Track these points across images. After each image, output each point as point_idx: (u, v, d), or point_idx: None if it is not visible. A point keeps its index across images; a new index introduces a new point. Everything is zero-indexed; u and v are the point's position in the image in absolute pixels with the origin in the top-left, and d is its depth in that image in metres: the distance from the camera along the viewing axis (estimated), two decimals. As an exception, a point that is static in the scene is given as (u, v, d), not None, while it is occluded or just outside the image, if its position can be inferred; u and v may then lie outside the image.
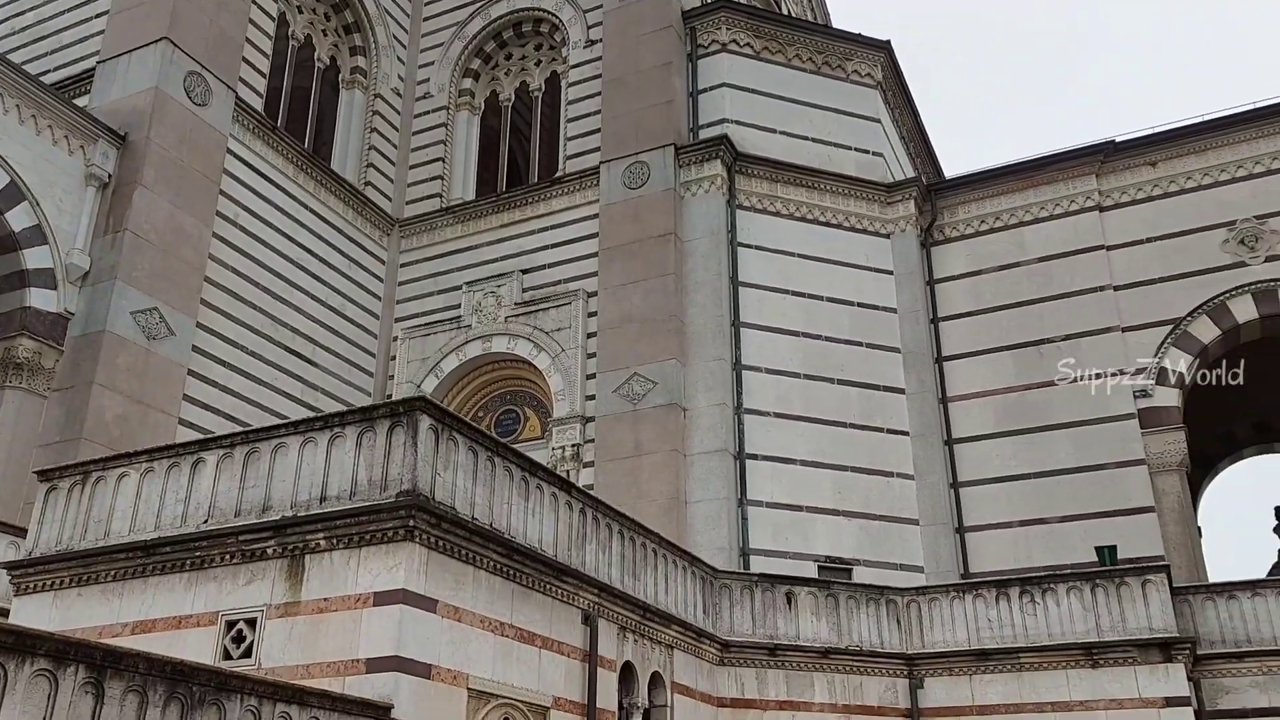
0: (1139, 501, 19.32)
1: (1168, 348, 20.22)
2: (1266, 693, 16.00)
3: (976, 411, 21.42)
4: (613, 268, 21.71)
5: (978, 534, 20.54)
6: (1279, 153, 20.36)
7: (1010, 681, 16.19)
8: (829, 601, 16.88)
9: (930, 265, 22.80)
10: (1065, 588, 16.51)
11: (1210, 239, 20.43)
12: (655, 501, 19.23)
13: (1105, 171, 21.63)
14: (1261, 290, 19.74)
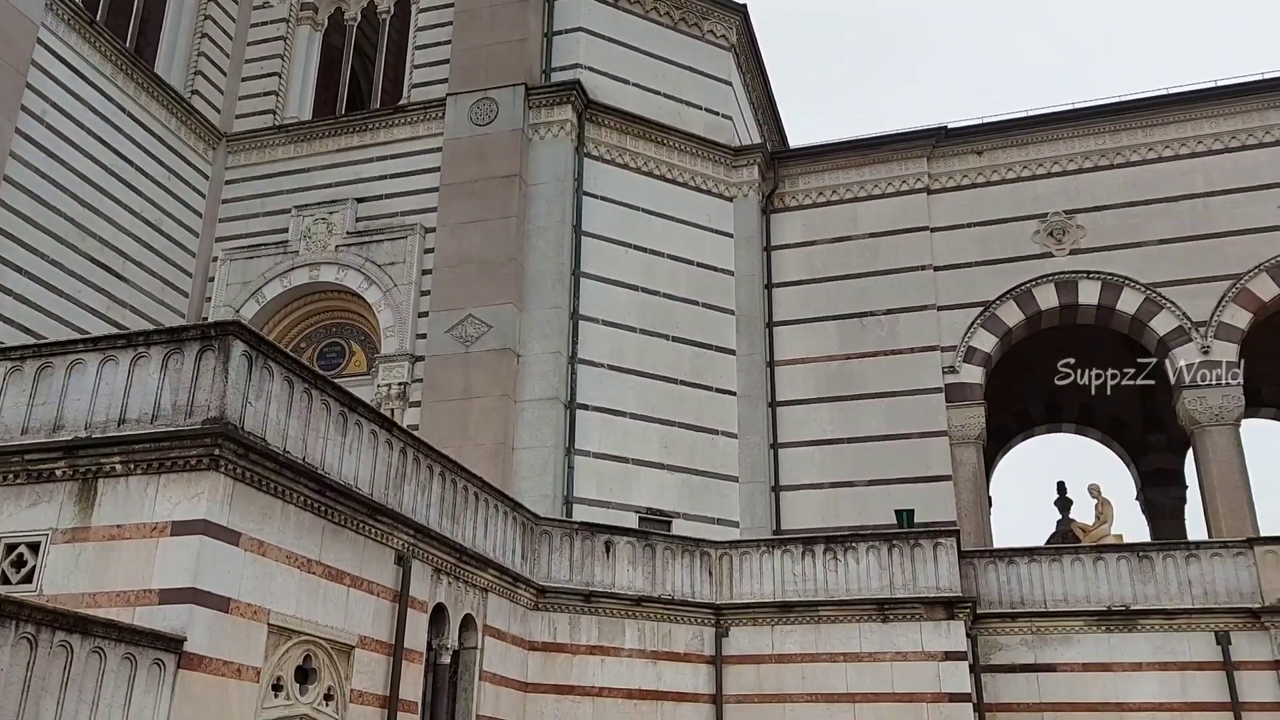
0: (938, 470, 20.56)
1: (977, 329, 21.48)
2: (1034, 650, 17.45)
3: (800, 377, 22.22)
4: (453, 205, 21.21)
5: (792, 493, 21.40)
6: (1090, 152, 21.81)
7: (809, 632, 17.04)
8: (646, 551, 17.26)
9: (769, 232, 23.36)
10: (865, 547, 17.45)
11: (1023, 229, 21.76)
12: (482, 446, 19.09)
13: (936, 156, 22.65)
14: (1063, 280, 21.20)
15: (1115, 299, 20.80)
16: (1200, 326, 20.03)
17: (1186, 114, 21.21)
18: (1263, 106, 20.83)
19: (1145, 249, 20.82)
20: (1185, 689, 16.58)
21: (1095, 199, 21.45)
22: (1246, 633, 16.56)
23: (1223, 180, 20.76)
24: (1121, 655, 17.03)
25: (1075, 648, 17.29)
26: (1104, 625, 17.26)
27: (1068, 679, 17.11)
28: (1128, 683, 16.86)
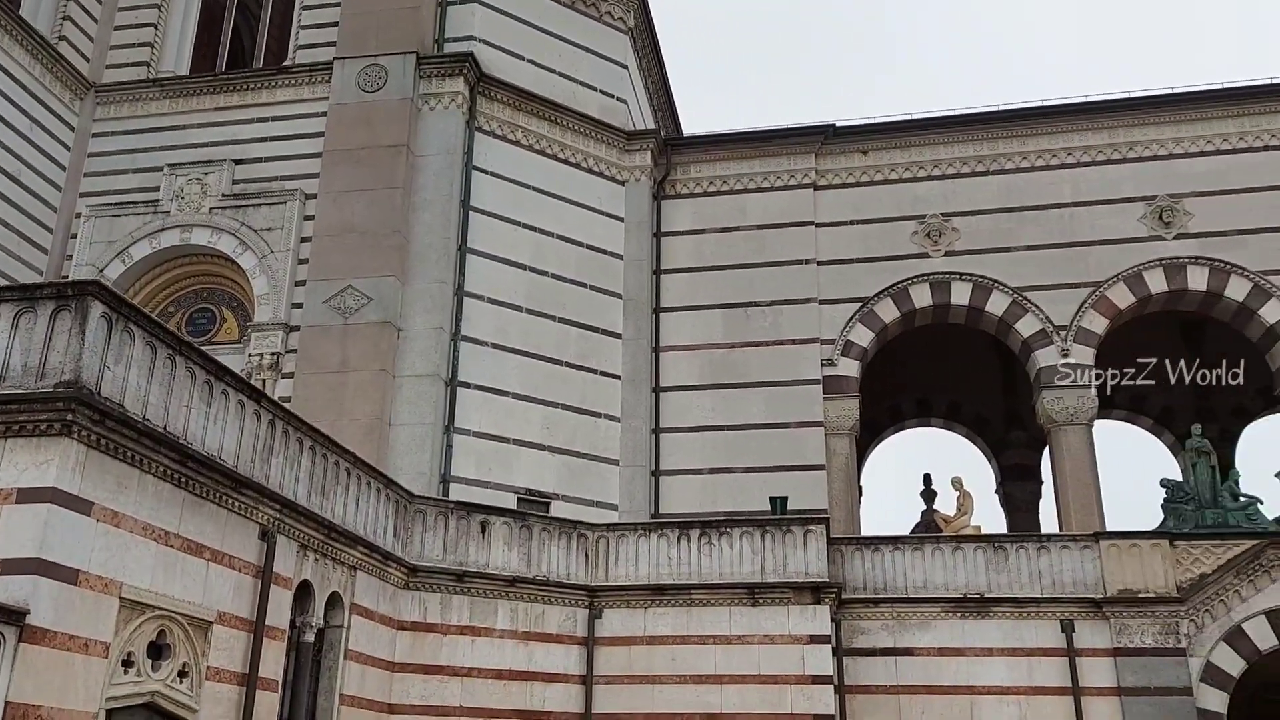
0: (813, 459, 21.08)
1: (855, 324, 22.07)
2: (893, 635, 18.11)
3: (684, 363, 22.44)
4: (337, 172, 20.61)
5: (671, 478, 21.63)
6: (969, 158, 22.62)
7: (681, 615, 17.29)
8: (523, 532, 17.21)
9: (659, 218, 23.47)
10: (739, 532, 17.79)
11: (903, 229, 22.44)
12: (357, 421, 18.66)
13: (824, 153, 23.13)
14: (938, 281, 21.96)
15: (985, 301, 21.66)
16: (1061, 330, 21.05)
17: (1058, 126, 22.19)
18: (1127, 123, 21.95)
19: (1015, 254, 21.73)
20: (1032, 674, 17.46)
21: (971, 203, 22.27)
22: (1089, 621, 17.53)
23: (1089, 192, 21.83)
24: (975, 641, 17.81)
25: (932, 633, 18.00)
26: (960, 612, 18.01)
27: (924, 663, 17.81)
28: (979, 667, 17.65)
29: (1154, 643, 17.13)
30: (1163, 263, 20.99)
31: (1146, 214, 21.32)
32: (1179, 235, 21.04)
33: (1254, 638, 17.04)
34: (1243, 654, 17.04)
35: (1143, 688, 16.92)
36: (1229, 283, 20.62)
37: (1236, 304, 20.66)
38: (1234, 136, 21.41)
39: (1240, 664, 17.06)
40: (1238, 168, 21.23)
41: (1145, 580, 17.50)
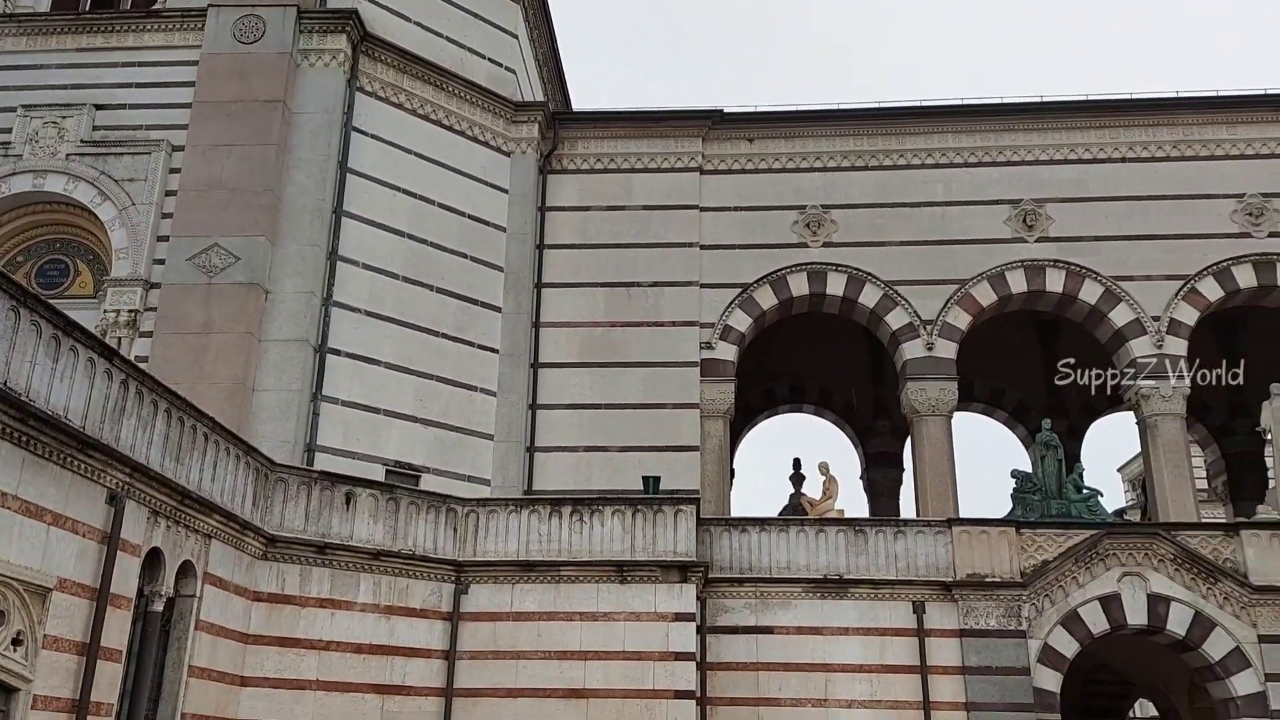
0: (688, 440, 21.34)
1: (734, 308, 22.39)
2: (756, 613, 18.54)
3: (564, 340, 22.37)
4: (207, 125, 19.69)
5: (546, 454, 21.57)
6: (849, 152, 23.17)
7: (548, 591, 17.30)
8: (390, 505, 16.89)
9: (544, 192, 23.27)
10: (611, 510, 17.88)
11: (784, 218, 22.85)
12: (219, 385, 17.95)
13: (711, 137, 23.32)
14: (815, 271, 22.46)
15: (858, 293, 22.27)
16: (927, 325, 21.82)
17: (933, 127, 22.93)
18: (997, 129, 22.83)
19: (888, 249, 22.39)
20: (884, 652, 18.15)
21: (849, 197, 22.84)
22: (939, 603, 18.31)
23: (959, 192, 22.66)
24: (832, 620, 18.40)
25: (793, 612, 18.51)
26: (820, 592, 18.56)
27: (783, 641, 18.30)
28: (835, 645, 18.24)
29: (998, 625, 18.01)
30: (1024, 264, 21.97)
31: (1011, 216, 22.25)
32: (1040, 238, 22.05)
33: (1088, 622, 18.10)
34: (1077, 637, 18.09)
35: (985, 667, 17.78)
36: (1084, 286, 21.73)
37: (1089, 306, 21.78)
38: (1095, 147, 22.53)
39: (1075, 646, 18.10)
40: (1097, 177, 22.36)
41: (992, 565, 18.37)
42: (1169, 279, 21.45)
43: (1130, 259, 21.62)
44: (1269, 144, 22.03)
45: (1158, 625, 18.01)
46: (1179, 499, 20.52)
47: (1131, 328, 21.34)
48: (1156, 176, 22.22)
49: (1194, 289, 21.41)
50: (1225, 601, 17.86)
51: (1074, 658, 18.21)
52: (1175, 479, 20.77)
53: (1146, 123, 22.43)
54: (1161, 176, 22.21)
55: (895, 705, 17.77)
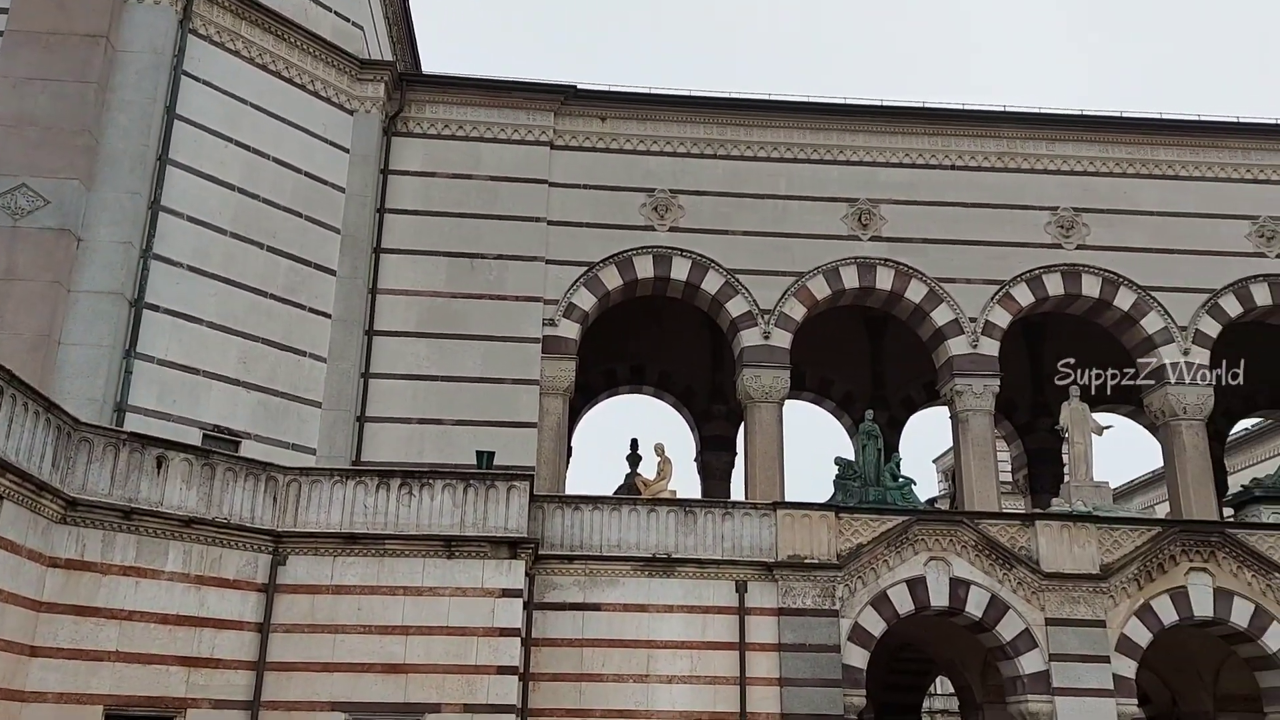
0: (525, 417, 21.23)
1: (579, 287, 22.37)
2: (584, 590, 18.68)
3: (402, 308, 21.83)
4: (19, 55, 18.14)
5: (377, 425, 21.03)
6: (699, 139, 23.47)
7: (372, 565, 16.92)
8: (205, 471, 16.14)
9: (388, 154, 22.59)
10: (442, 484, 17.62)
11: (633, 199, 22.97)
12: (20, 336, 16.66)
13: (563, 113, 23.16)
14: (660, 254, 22.69)
15: (701, 278, 22.65)
16: (765, 314, 22.42)
17: (779, 122, 23.49)
18: (839, 128, 23.60)
19: (732, 237, 22.86)
20: (705, 630, 18.63)
21: (697, 184, 23.16)
22: (760, 583, 18.92)
23: (801, 187, 23.32)
24: (658, 598, 18.73)
25: (620, 589, 18.74)
26: (648, 571, 18.86)
27: (609, 618, 18.52)
28: (659, 623, 18.60)
29: (813, 604, 18.77)
30: (857, 261, 22.84)
31: (848, 214, 23.09)
32: (873, 237, 22.98)
33: (895, 603, 19.10)
34: (885, 617, 19.06)
35: (800, 645, 18.52)
36: (910, 285, 22.78)
37: (914, 305, 22.87)
38: (927, 153, 23.62)
39: (882, 625, 19.07)
40: (927, 182, 23.46)
41: (812, 547, 19.11)
42: (987, 283, 22.75)
43: (953, 262, 22.81)
44: (1082, 161, 23.63)
45: (958, 607, 19.17)
46: (983, 490, 21.86)
47: (950, 327, 22.53)
48: (981, 185, 23.49)
49: (1008, 294, 22.78)
50: (1018, 586, 19.17)
51: (881, 636, 19.18)
52: (981, 471, 22.11)
53: (975, 133, 23.67)
54: (985, 185, 23.50)
55: (713, 680, 18.28)
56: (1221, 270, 23.01)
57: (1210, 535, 19.58)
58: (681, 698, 18.15)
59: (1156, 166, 23.67)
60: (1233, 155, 23.73)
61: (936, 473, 55.08)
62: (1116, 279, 22.83)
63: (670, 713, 18.04)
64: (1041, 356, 28.25)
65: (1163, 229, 23.21)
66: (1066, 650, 18.79)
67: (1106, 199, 23.41)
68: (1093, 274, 22.92)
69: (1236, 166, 23.70)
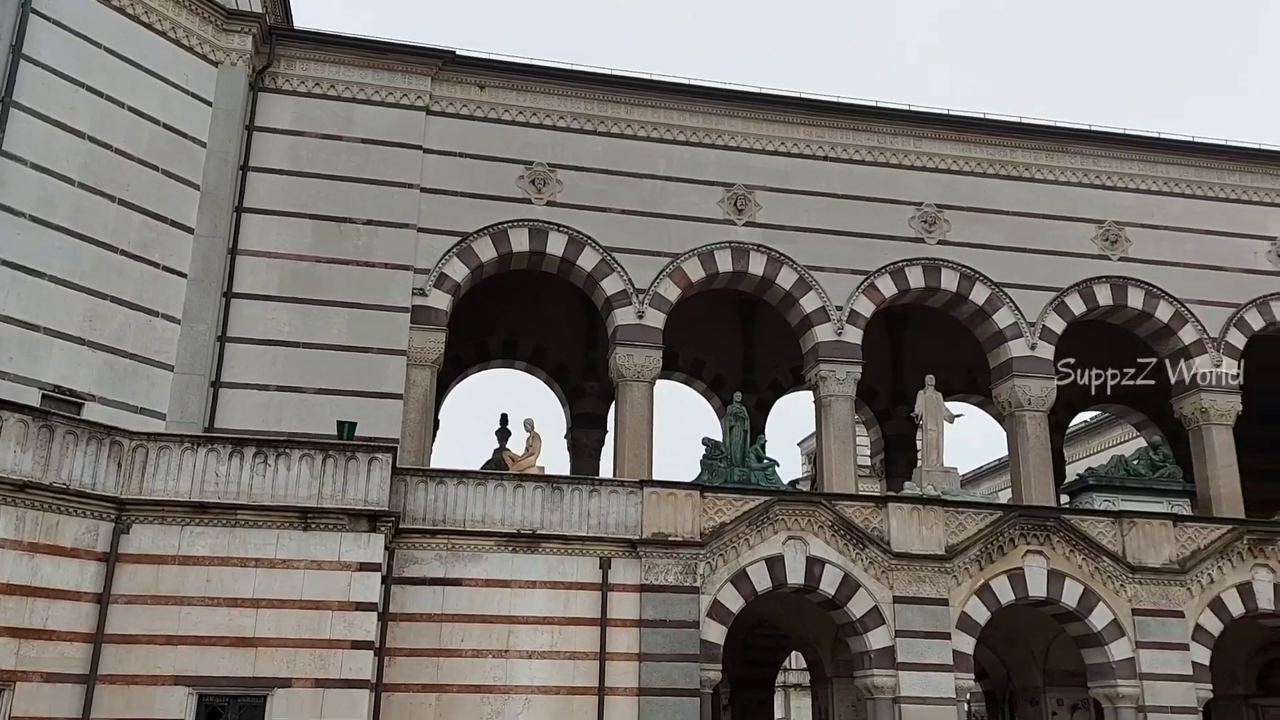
0: (391, 388, 20.76)
1: (451, 257, 21.97)
2: (445, 565, 18.51)
3: (264, 270, 21.01)
4: None
5: (233, 390, 20.22)
6: (580, 114, 23.22)
7: (222, 535, 16.38)
8: (43, 433, 15.31)
9: (254, 110, 21.61)
10: (300, 454, 17.16)
11: (510, 171, 22.64)
12: None
13: (441, 78, 22.62)
14: (537, 228, 22.46)
15: (577, 255, 22.55)
16: (640, 293, 22.50)
17: (660, 102, 23.48)
18: (717, 112, 23.74)
19: (609, 215, 22.81)
20: (568, 605, 18.74)
21: (576, 159, 23.00)
22: (624, 559, 19.14)
23: (679, 169, 23.42)
24: (522, 574, 18.74)
25: (483, 565, 18.65)
26: (512, 546, 18.84)
27: (470, 593, 18.42)
28: (522, 599, 18.60)
29: (675, 581, 19.10)
30: (731, 245, 23.15)
31: (724, 198, 23.36)
32: (748, 223, 23.32)
33: (754, 580, 19.61)
34: (743, 593, 19.55)
35: (660, 620, 18.82)
36: (781, 272, 23.23)
37: (785, 291, 23.34)
38: (803, 142, 24.07)
39: (741, 602, 19.55)
40: (802, 171, 23.93)
41: (677, 525, 19.42)
42: (854, 273, 23.40)
43: (823, 251, 23.36)
44: (946, 160, 24.51)
45: (813, 585, 19.83)
46: (842, 472, 22.58)
47: (818, 314, 23.10)
48: (853, 177, 24.11)
49: (873, 284, 23.49)
50: (870, 565, 19.95)
51: (739, 613, 19.68)
52: (841, 454, 22.82)
53: (849, 126, 24.24)
54: (857, 178, 24.12)
55: (573, 656, 18.42)
56: (1069, 270, 24.27)
57: (1047, 520, 20.77)
58: (541, 673, 18.23)
59: (1014, 168, 24.75)
60: (1083, 161, 25.01)
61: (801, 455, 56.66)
62: (973, 274, 23.81)
63: (529, 687, 18.11)
64: (902, 346, 29.34)
65: (1018, 228, 24.31)
66: (912, 627, 19.67)
67: (968, 197, 24.36)
68: (952, 269, 23.84)
69: (1086, 172, 25.01)
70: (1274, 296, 24.80)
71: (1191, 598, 20.67)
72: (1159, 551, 20.77)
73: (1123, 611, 20.39)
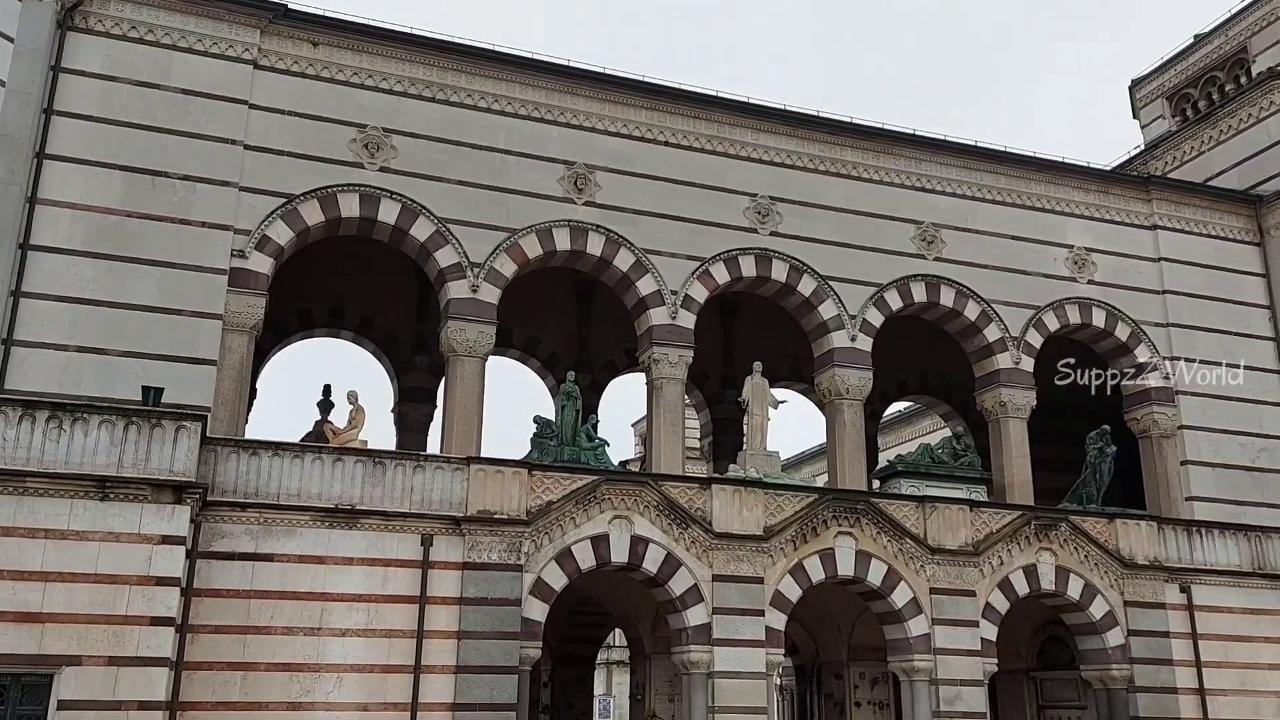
0: (204, 353, 19.74)
1: (275, 219, 21.03)
2: (256, 540, 17.79)
3: (67, 223, 19.55)
4: None
5: (27, 350, 18.78)
6: (419, 80, 22.34)
7: (8, 504, 15.37)
8: None
9: (61, 50, 20.02)
10: (99, 420, 16.14)
11: (342, 134, 21.82)
12: None
13: (271, 31, 21.53)
14: (368, 194, 21.74)
15: (411, 224, 22.01)
16: (475, 267, 22.19)
17: (502, 74, 23.15)
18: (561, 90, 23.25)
19: (446, 185, 22.35)
20: (386, 583, 18.37)
21: (413, 125, 22.40)
22: (447, 537, 18.91)
23: (520, 144, 23.18)
24: (338, 550, 18.23)
25: (297, 540, 18.04)
26: (329, 521, 18.30)
27: (282, 569, 17.79)
28: (337, 575, 18.11)
29: (499, 559, 19.02)
30: (570, 224, 23.12)
31: (565, 176, 23.29)
32: (588, 202, 23.33)
33: (579, 558, 19.75)
34: (567, 572, 19.67)
35: (481, 598, 18.72)
36: (619, 253, 23.38)
37: (621, 273, 23.51)
38: (644, 126, 24.24)
39: (564, 580, 19.67)
40: (643, 154, 24.10)
41: (503, 503, 19.33)
42: (689, 259, 23.80)
43: (661, 235, 23.65)
44: (780, 154, 25.23)
45: (636, 563, 20.15)
46: (671, 454, 23.01)
47: (653, 298, 23.39)
48: (692, 164, 24.48)
49: (708, 271, 23.97)
50: (692, 545, 20.44)
51: (562, 590, 19.79)
52: (670, 436, 23.24)
53: (689, 114, 24.58)
54: (696, 165, 24.51)
55: (389, 634, 18.10)
56: (889, 267, 25.44)
57: (857, 504, 21.81)
58: (355, 651, 17.83)
59: (843, 166, 25.71)
60: (906, 164, 26.24)
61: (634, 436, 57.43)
62: (802, 266, 24.64)
63: (342, 665, 17.69)
64: (733, 332, 30.11)
65: (844, 224, 25.28)
66: (728, 604, 20.30)
67: (799, 191, 25.16)
68: (782, 260, 24.59)
69: (909, 174, 26.24)
70: (1069, 300, 26.75)
71: (983, 578, 22.14)
72: (956, 535, 22.14)
73: (921, 590, 21.65)
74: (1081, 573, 22.72)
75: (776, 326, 27.15)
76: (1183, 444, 26.47)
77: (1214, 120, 31.93)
